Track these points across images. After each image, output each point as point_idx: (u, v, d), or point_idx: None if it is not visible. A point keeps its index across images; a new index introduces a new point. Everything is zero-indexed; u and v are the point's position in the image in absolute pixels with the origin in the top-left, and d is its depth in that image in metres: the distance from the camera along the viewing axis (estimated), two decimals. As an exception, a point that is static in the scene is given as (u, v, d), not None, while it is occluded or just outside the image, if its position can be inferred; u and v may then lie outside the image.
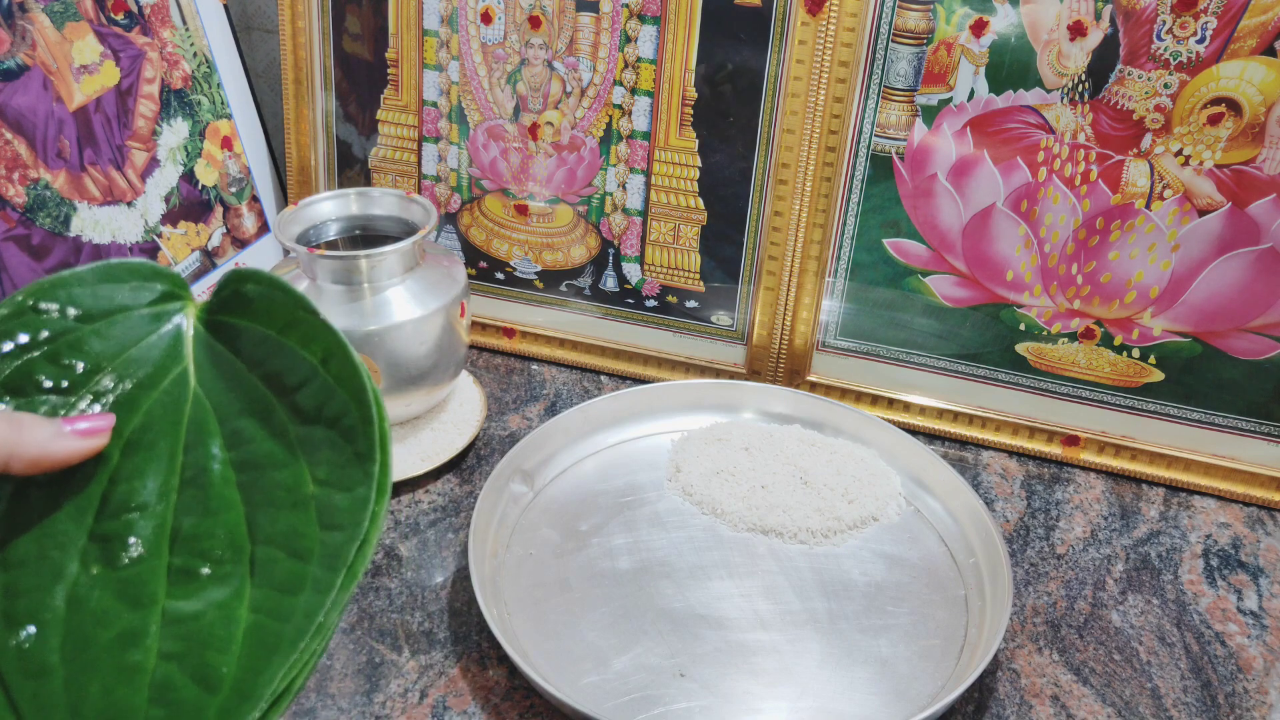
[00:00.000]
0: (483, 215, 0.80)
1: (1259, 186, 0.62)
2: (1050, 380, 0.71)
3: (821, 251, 0.72)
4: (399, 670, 0.55)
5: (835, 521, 0.63)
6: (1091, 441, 0.71)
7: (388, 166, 0.81)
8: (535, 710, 0.53)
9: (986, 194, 0.67)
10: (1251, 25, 0.59)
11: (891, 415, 0.74)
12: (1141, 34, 0.61)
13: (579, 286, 0.80)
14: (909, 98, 0.66)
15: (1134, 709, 0.54)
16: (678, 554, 0.62)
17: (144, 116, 0.71)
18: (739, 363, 0.78)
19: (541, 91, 0.75)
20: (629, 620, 0.57)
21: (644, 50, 0.71)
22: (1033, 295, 0.69)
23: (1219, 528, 0.67)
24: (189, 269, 0.75)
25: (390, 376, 0.64)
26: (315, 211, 0.69)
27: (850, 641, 0.56)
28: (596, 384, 0.79)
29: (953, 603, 0.59)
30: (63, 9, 0.65)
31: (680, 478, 0.67)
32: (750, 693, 0.53)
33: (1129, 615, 0.59)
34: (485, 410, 0.73)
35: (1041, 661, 0.56)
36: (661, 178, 0.74)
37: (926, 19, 0.64)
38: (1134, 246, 0.66)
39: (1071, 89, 0.63)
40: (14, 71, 0.61)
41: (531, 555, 0.62)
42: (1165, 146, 0.63)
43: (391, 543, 0.63)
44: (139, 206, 0.71)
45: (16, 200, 0.61)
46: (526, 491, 0.66)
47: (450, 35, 0.75)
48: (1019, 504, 0.68)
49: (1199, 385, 0.68)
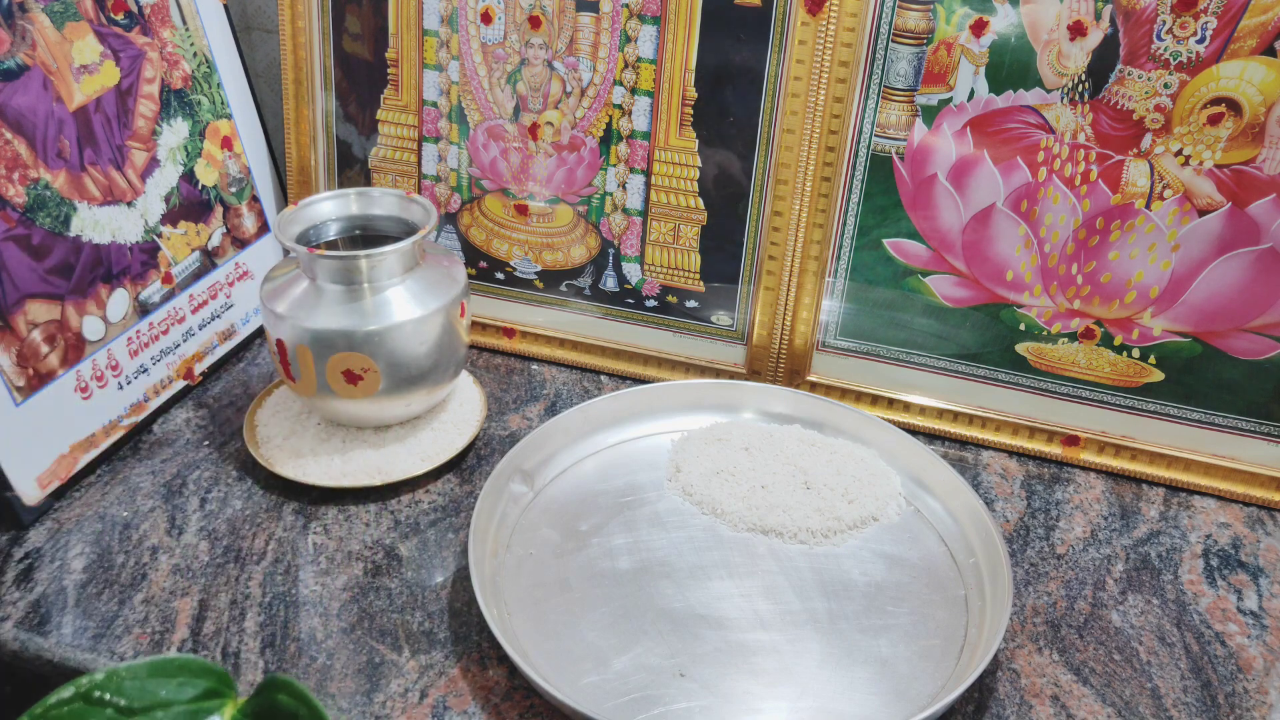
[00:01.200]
0: (483, 215, 0.80)
1: (1259, 186, 0.62)
2: (1050, 380, 0.71)
3: (821, 251, 0.72)
4: (399, 670, 0.55)
5: (835, 521, 0.63)
6: (1091, 441, 0.71)
7: (388, 166, 0.81)
8: (535, 710, 0.53)
9: (986, 194, 0.67)
10: (1251, 25, 0.59)
11: (891, 415, 0.74)
12: (1141, 34, 0.61)
13: (579, 286, 0.80)
14: (909, 98, 0.66)
15: (1134, 709, 0.54)
16: (678, 554, 0.62)
17: (144, 116, 0.71)
18: (739, 363, 0.78)
19: (541, 91, 0.75)
20: (629, 620, 0.57)
21: (644, 50, 0.71)
22: (1033, 295, 0.69)
23: (1219, 528, 0.67)
24: (189, 269, 0.75)
25: (390, 376, 0.64)
26: (315, 211, 0.69)
27: (850, 641, 0.56)
28: (596, 384, 0.79)
29: (953, 603, 0.59)
30: (63, 9, 0.65)
31: (680, 478, 0.67)
32: (750, 693, 0.53)
33: (1129, 615, 0.59)
34: (485, 410, 0.73)
35: (1041, 661, 0.56)
36: (661, 178, 0.74)
37: (926, 19, 0.64)
38: (1134, 246, 0.66)
39: (1071, 89, 0.63)
40: (14, 71, 0.61)
41: (531, 555, 0.62)
42: (1165, 146, 0.63)
43: (392, 543, 0.63)
44: (139, 206, 0.71)
45: (16, 200, 0.61)
46: (526, 491, 0.66)
47: (450, 35, 0.75)
48: (1019, 504, 0.68)
49: (1199, 385, 0.68)
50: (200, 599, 0.59)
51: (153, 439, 0.71)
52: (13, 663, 0.56)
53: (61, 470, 0.65)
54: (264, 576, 0.60)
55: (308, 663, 0.55)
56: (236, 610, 0.58)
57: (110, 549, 0.62)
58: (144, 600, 0.58)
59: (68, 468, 0.66)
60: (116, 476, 0.68)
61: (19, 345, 0.62)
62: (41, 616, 0.57)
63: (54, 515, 0.64)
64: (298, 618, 0.58)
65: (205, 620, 0.57)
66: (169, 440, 0.71)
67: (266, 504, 0.66)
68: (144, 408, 0.72)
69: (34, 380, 0.63)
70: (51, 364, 0.64)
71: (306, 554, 0.62)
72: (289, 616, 0.58)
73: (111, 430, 0.69)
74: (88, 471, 0.67)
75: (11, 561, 0.61)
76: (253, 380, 0.78)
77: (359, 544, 0.63)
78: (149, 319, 0.72)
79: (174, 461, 0.69)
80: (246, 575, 0.60)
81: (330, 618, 0.58)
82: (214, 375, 0.78)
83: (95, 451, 0.68)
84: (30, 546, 0.62)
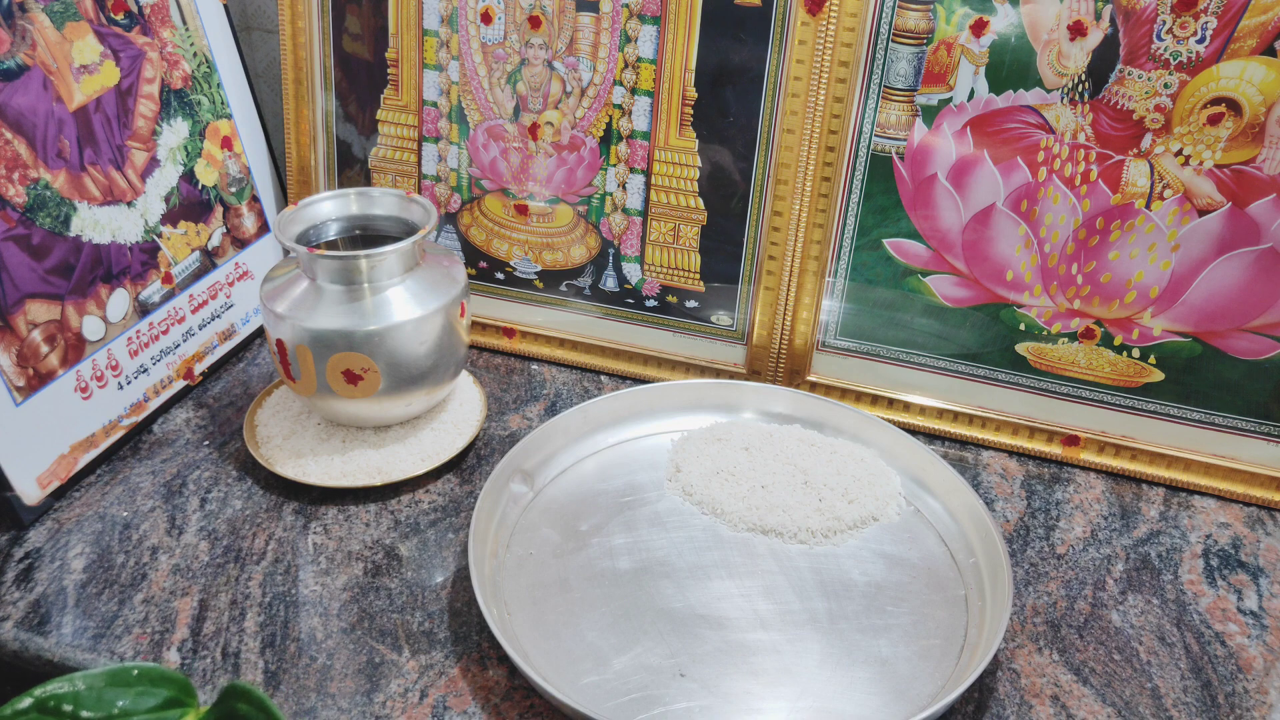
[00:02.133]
0: (483, 215, 0.80)
1: (1259, 186, 0.62)
2: (1050, 380, 0.71)
3: (821, 251, 0.72)
4: (399, 670, 0.55)
5: (835, 521, 0.63)
6: (1091, 441, 0.71)
7: (388, 166, 0.81)
8: (535, 710, 0.53)
9: (986, 194, 0.67)
10: (1251, 25, 0.59)
11: (891, 415, 0.74)
12: (1141, 34, 0.61)
13: (579, 286, 0.80)
14: (909, 98, 0.66)
15: (1134, 709, 0.54)
16: (678, 554, 0.62)
17: (144, 116, 0.71)
18: (739, 363, 0.78)
19: (541, 91, 0.75)
20: (629, 620, 0.57)
21: (644, 50, 0.71)
22: (1033, 295, 0.69)
23: (1219, 528, 0.67)
24: (189, 269, 0.75)
25: (390, 376, 0.64)
26: (315, 211, 0.69)
27: (850, 641, 0.56)
28: (596, 384, 0.79)
29: (953, 603, 0.59)
30: (63, 9, 0.65)
31: (680, 478, 0.67)
32: (750, 693, 0.53)
33: (1129, 615, 0.59)
34: (485, 410, 0.73)
35: (1041, 661, 0.56)
36: (661, 178, 0.74)
37: (926, 19, 0.64)
38: (1134, 246, 0.66)
39: (1071, 89, 0.63)
40: (14, 71, 0.61)
41: (531, 555, 0.62)
42: (1165, 146, 0.63)
43: (392, 543, 0.63)
44: (139, 206, 0.71)
45: (16, 200, 0.61)
46: (526, 491, 0.66)
47: (450, 35, 0.75)
48: (1019, 504, 0.68)
49: (1199, 385, 0.68)
50: (200, 599, 0.59)
51: (153, 439, 0.71)
52: (13, 663, 0.56)
53: (61, 470, 0.65)
54: (264, 576, 0.60)
55: (308, 663, 0.55)
56: (236, 610, 0.58)
57: (110, 549, 0.62)
58: (144, 600, 0.58)
59: (68, 468, 0.66)
60: (116, 476, 0.68)
61: (19, 345, 0.62)
62: (41, 616, 0.57)
63: (54, 515, 0.64)
64: (298, 618, 0.58)
65: (205, 620, 0.57)
66: (169, 440, 0.71)
67: (266, 504, 0.66)
68: (144, 408, 0.72)
69: (34, 380, 0.63)
70: (51, 364, 0.64)
71: (306, 554, 0.62)
72: (289, 616, 0.58)
73: (111, 430, 0.69)
74: (88, 471, 0.67)
75: (11, 561, 0.61)
76: (253, 380, 0.78)
77: (359, 544, 0.63)
78: (149, 319, 0.72)
79: (174, 461, 0.69)
80: (246, 575, 0.60)
81: (330, 618, 0.58)
82: (214, 375, 0.78)
83: (95, 451, 0.68)
84: (30, 546, 0.62)
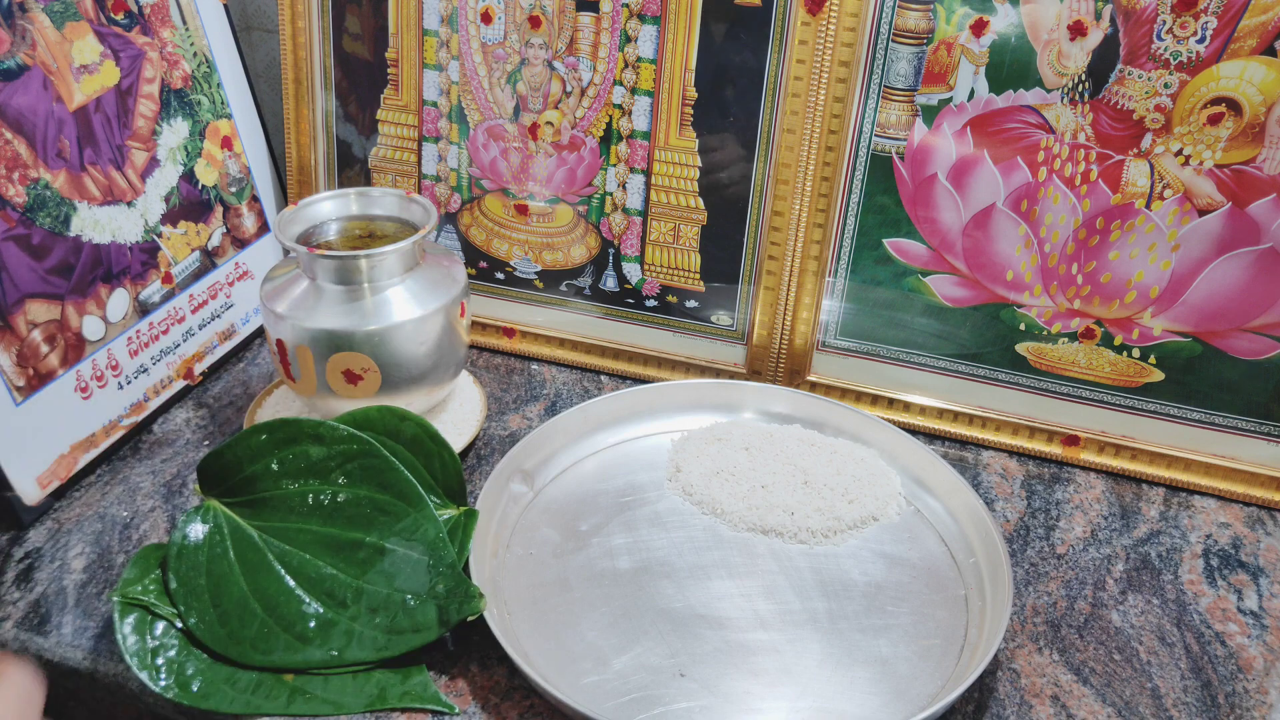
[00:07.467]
0: (483, 215, 0.80)
1: (1259, 186, 0.62)
2: (1050, 380, 0.71)
3: (821, 251, 0.72)
4: (399, 670, 0.55)
5: (835, 521, 0.63)
6: (1091, 441, 0.71)
7: (388, 166, 0.81)
8: (535, 710, 0.53)
9: (986, 194, 0.67)
10: (1251, 25, 0.59)
11: (891, 415, 0.74)
12: (1141, 34, 0.61)
13: (579, 286, 0.80)
14: (909, 98, 0.66)
15: (1134, 709, 0.54)
16: (678, 554, 0.62)
17: (144, 116, 0.71)
18: (739, 363, 0.78)
19: (541, 91, 0.75)
20: (629, 620, 0.57)
21: (644, 50, 0.71)
22: (1033, 295, 0.69)
23: (1219, 528, 0.67)
24: (189, 269, 0.75)
25: (390, 376, 0.64)
26: (315, 211, 0.68)
27: (850, 641, 0.56)
28: (596, 384, 0.79)
29: (953, 603, 0.59)
30: (63, 9, 0.65)
31: (680, 478, 0.67)
32: (750, 693, 0.53)
33: (1129, 615, 0.59)
34: (485, 410, 0.73)
35: (1041, 661, 0.56)
36: (661, 177, 0.74)
37: (926, 19, 0.64)
38: (1134, 246, 0.66)
39: (1071, 89, 0.63)
40: (14, 71, 0.61)
41: (531, 555, 0.62)
42: (1165, 146, 0.63)
43: (391, 543, 0.63)
44: (139, 206, 0.71)
45: (16, 200, 0.61)
46: (526, 491, 0.66)
47: (450, 35, 0.75)
48: (1019, 504, 0.68)
49: (1199, 385, 0.68)
50: (200, 599, 0.59)
51: (153, 439, 0.71)
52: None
53: (61, 470, 0.65)
54: (264, 576, 0.60)
55: (308, 663, 0.55)
56: (236, 610, 0.58)
57: (110, 549, 0.62)
58: (144, 600, 0.58)
59: (68, 467, 0.66)
60: (116, 476, 0.68)
61: (19, 345, 0.62)
62: (41, 616, 0.57)
63: (54, 515, 0.64)
64: (298, 618, 0.58)
65: (205, 620, 0.57)
66: (169, 440, 0.71)
67: (266, 504, 0.66)
68: (144, 407, 0.72)
69: (34, 380, 0.63)
70: (51, 364, 0.64)
71: (306, 554, 0.62)
72: (289, 616, 0.58)
73: (111, 430, 0.69)
74: (88, 471, 0.67)
75: (11, 561, 0.61)
76: (253, 380, 0.78)
77: (359, 544, 0.63)
78: (149, 319, 0.72)
79: (174, 461, 0.69)
80: (246, 575, 0.60)
81: (330, 618, 0.58)
82: (214, 375, 0.78)
83: (95, 451, 0.68)
84: (30, 546, 0.62)
